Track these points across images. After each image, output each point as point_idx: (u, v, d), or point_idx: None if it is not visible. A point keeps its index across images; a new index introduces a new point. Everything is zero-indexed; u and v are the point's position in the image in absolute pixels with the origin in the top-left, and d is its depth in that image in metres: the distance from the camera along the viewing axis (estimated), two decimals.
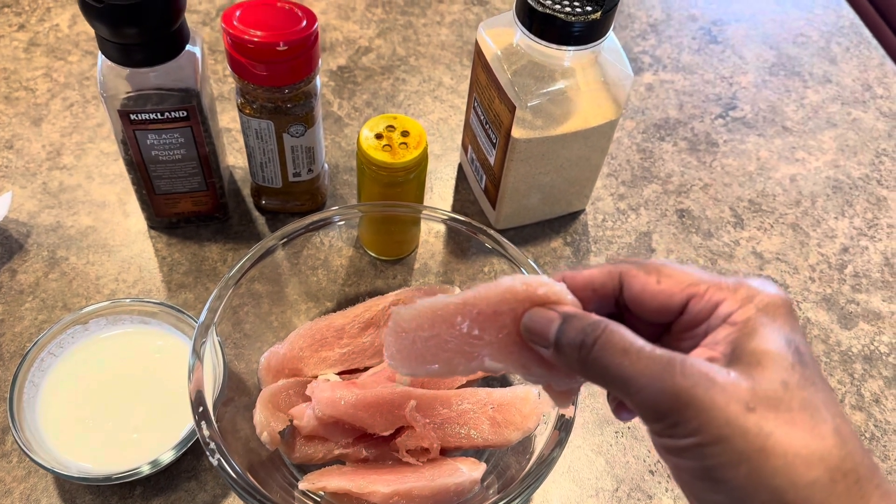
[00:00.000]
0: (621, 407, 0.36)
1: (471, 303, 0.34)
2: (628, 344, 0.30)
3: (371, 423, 0.49)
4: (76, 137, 0.70)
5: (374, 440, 0.51)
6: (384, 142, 0.56)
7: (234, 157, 0.70)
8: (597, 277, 0.34)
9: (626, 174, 0.72)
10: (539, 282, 0.33)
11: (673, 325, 0.34)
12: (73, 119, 0.71)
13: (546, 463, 0.46)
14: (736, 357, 0.30)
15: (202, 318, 0.50)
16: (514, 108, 0.56)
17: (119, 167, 0.68)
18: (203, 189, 0.61)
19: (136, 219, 0.65)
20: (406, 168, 0.56)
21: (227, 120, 0.72)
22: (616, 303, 0.35)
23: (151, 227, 0.64)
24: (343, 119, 0.74)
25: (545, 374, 0.34)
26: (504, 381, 0.57)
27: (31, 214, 0.64)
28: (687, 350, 0.32)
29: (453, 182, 0.71)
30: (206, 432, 0.45)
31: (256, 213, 0.66)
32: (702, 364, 0.29)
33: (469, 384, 0.54)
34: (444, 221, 0.56)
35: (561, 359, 0.32)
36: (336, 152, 0.71)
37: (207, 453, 0.45)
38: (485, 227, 0.55)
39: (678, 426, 0.29)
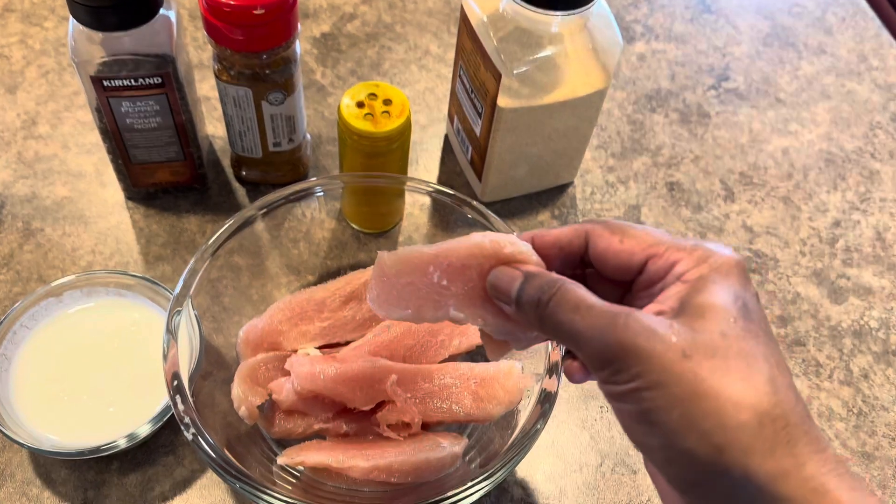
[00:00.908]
0: (573, 368, 0.36)
1: (443, 255, 0.36)
2: (580, 300, 0.32)
3: (351, 397, 0.48)
4: (52, 106, 0.68)
5: (355, 415, 0.50)
6: (366, 110, 0.54)
7: (214, 126, 0.68)
8: (564, 236, 0.36)
9: (616, 146, 0.71)
10: (507, 240, 0.36)
11: (633, 284, 0.35)
12: (49, 87, 0.69)
13: (529, 436, 0.45)
14: (682, 310, 0.32)
15: (177, 289, 0.48)
16: (500, 75, 0.54)
17: (96, 136, 0.66)
18: (180, 159, 0.59)
19: (113, 189, 0.63)
20: (388, 137, 0.55)
21: (207, 88, 0.70)
22: (581, 261, 0.36)
23: (129, 197, 0.63)
24: (326, 88, 0.72)
25: (503, 326, 0.36)
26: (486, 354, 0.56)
27: (6, 184, 0.63)
28: (642, 307, 0.33)
29: (439, 154, 0.69)
30: (181, 407, 0.44)
31: (237, 185, 0.65)
32: (646, 317, 0.31)
33: (451, 359, 0.53)
34: (428, 193, 0.55)
35: (521, 315, 0.35)
36: (319, 122, 0.70)
37: (182, 428, 0.44)
38: (470, 200, 0.54)
39: (620, 373, 0.31)
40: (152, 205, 0.63)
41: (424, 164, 0.69)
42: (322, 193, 0.55)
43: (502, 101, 0.56)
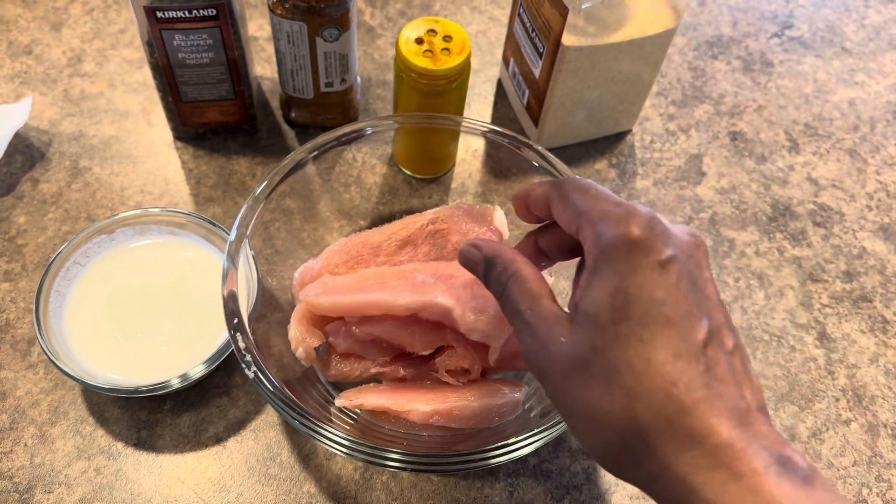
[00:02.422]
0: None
1: None
2: (518, 306, 0.34)
3: (410, 341, 0.47)
4: (97, 44, 0.66)
5: (413, 359, 0.49)
6: (425, 47, 0.52)
7: (262, 67, 0.66)
8: (538, 199, 0.36)
9: (677, 93, 0.68)
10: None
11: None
12: (94, 24, 0.67)
13: None
14: (573, 315, 0.32)
15: (234, 229, 0.47)
16: (567, 11, 0.52)
17: (143, 75, 0.65)
18: (231, 97, 0.58)
19: (161, 129, 0.62)
20: (448, 76, 0.52)
21: (254, 28, 0.68)
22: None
23: (177, 137, 0.61)
24: (376, 29, 0.70)
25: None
26: None
27: (53, 122, 0.62)
28: None
29: (492, 99, 0.67)
30: (241, 344, 0.43)
31: (285, 127, 0.63)
32: (549, 330, 0.32)
33: None
34: (485, 135, 0.53)
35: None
36: (368, 65, 0.67)
37: (243, 366, 0.43)
38: (530, 142, 0.52)
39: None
40: (201, 145, 0.61)
41: (477, 110, 0.67)
42: (375, 134, 0.53)
43: (567, 39, 0.53)
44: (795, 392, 0.54)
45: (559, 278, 0.54)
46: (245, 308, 0.46)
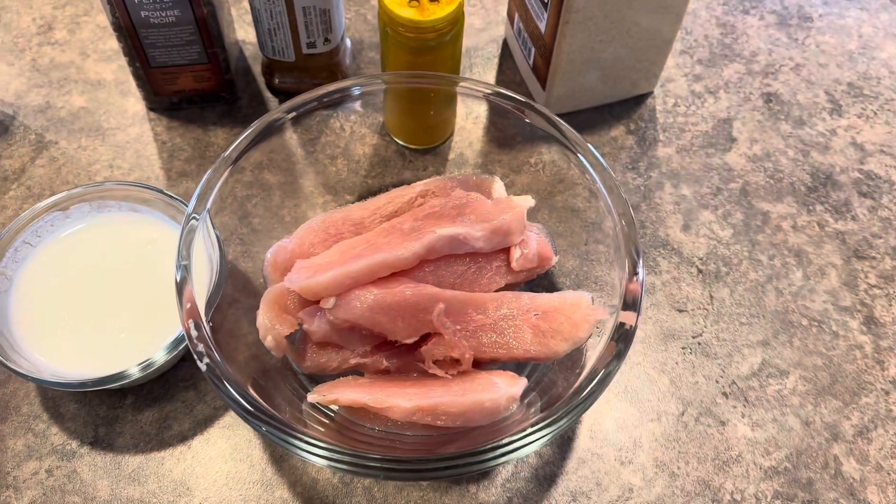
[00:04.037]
0: None
1: None
2: None
3: (392, 328, 0.41)
4: (70, 10, 0.61)
5: (397, 349, 0.43)
6: None
7: (245, 31, 0.61)
8: None
9: (704, 52, 0.61)
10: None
11: None
12: None
13: (599, 380, 0.38)
14: None
15: (193, 200, 0.42)
16: None
17: (117, 43, 0.60)
18: (204, 61, 0.52)
19: (134, 100, 0.57)
20: (437, 28, 0.46)
21: None
22: None
23: (151, 108, 0.56)
24: None
25: None
26: (551, 286, 0.48)
27: (18, 94, 0.57)
28: None
29: (496, 61, 0.61)
30: (193, 333, 0.38)
31: (268, 95, 0.58)
32: None
33: (509, 287, 0.45)
34: (485, 97, 0.47)
35: None
36: (360, 26, 0.62)
37: (195, 356, 0.38)
38: (536, 104, 0.46)
39: None
40: (176, 116, 0.56)
41: (479, 73, 0.60)
42: (361, 93, 0.47)
43: None
44: (839, 385, 0.47)
45: (566, 256, 0.48)
46: (204, 290, 0.41)
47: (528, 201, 0.46)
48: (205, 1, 0.49)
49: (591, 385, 0.38)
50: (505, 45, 0.61)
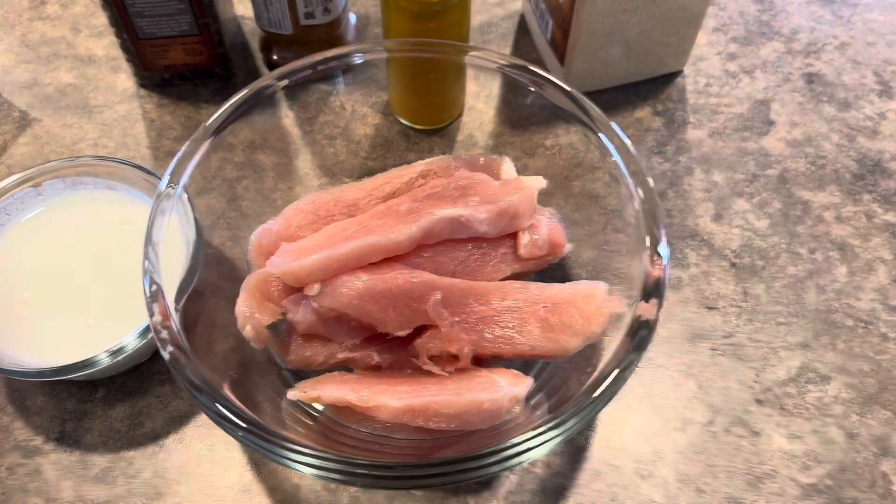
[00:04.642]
0: None
1: None
2: None
3: (383, 318, 0.37)
4: None
5: (389, 342, 0.39)
6: None
7: (245, 5, 0.57)
8: None
9: (739, 29, 0.56)
10: None
11: None
12: None
13: (615, 380, 0.33)
14: None
15: (167, 173, 0.38)
16: None
17: None
18: (195, 33, 0.49)
19: (125, 76, 0.54)
20: None
21: None
22: None
23: (142, 85, 0.53)
24: None
25: None
26: (564, 279, 0.44)
27: (5, 70, 0.54)
28: None
29: (512, 38, 0.57)
30: (156, 318, 0.34)
31: (266, 71, 0.54)
32: None
33: (516, 277, 0.41)
34: (499, 69, 0.43)
35: None
36: (365, 0, 0.58)
37: (158, 344, 0.34)
38: (555, 79, 0.42)
39: None
40: (167, 93, 0.53)
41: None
42: (359, 60, 0.43)
43: None
44: (888, 393, 0.42)
45: (583, 247, 0.43)
46: (177, 272, 0.37)
47: (538, 182, 0.41)
48: None
49: (605, 384, 0.33)
50: (522, 21, 0.57)
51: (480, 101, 0.51)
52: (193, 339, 0.36)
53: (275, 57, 0.53)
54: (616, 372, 0.33)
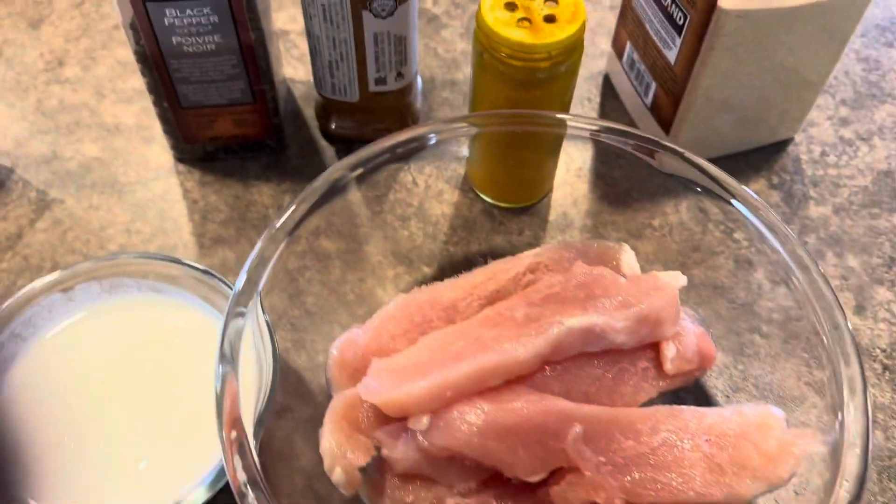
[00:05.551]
0: None
1: None
2: None
3: (510, 459, 0.30)
4: (85, 43, 0.52)
5: (513, 487, 0.31)
6: (519, 14, 0.36)
7: (294, 67, 0.51)
8: None
9: (847, 91, 0.51)
10: None
11: None
12: (83, 19, 0.53)
13: None
14: None
15: (238, 283, 0.31)
16: None
17: (141, 81, 0.50)
18: (248, 101, 0.42)
19: (159, 148, 0.47)
20: (553, 55, 0.36)
21: (284, 19, 0.53)
22: None
23: (179, 159, 0.46)
24: (440, 18, 0.54)
25: None
26: (698, 392, 0.37)
27: (18, 142, 0.47)
28: None
29: (598, 101, 0.50)
30: (241, 475, 0.27)
31: (323, 143, 0.47)
32: None
33: (659, 402, 0.34)
34: (598, 136, 0.36)
35: None
36: (431, 61, 0.52)
37: (237, 499, 0.26)
38: (671, 144, 0.36)
39: None
40: (210, 169, 0.46)
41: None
42: (436, 140, 0.37)
43: (727, 0, 0.37)
44: None
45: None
46: (252, 408, 0.29)
47: (679, 280, 0.35)
48: (253, 25, 0.39)
49: None
50: (606, 82, 0.51)
51: (572, 175, 0.44)
52: (268, 481, 0.28)
53: (334, 126, 0.46)
54: None
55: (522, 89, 0.37)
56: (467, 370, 0.30)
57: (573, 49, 0.36)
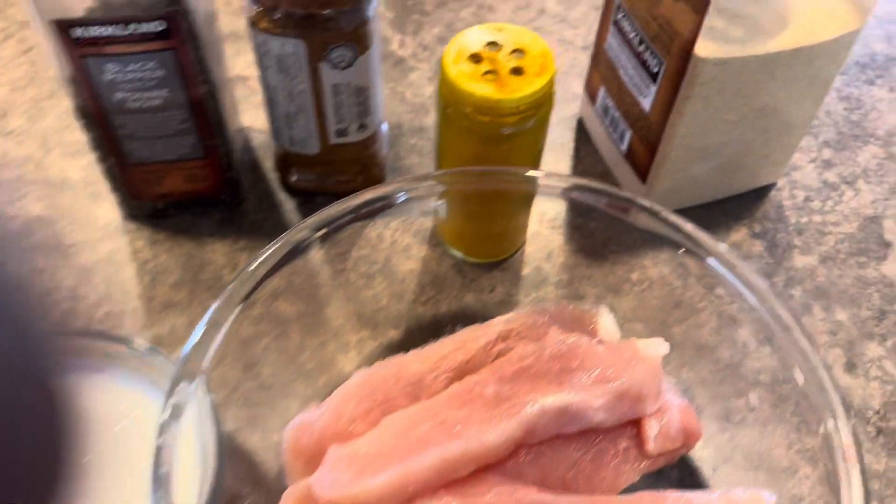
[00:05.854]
0: None
1: None
2: None
3: None
4: (32, 92, 0.49)
5: None
6: (485, 67, 0.34)
7: (252, 115, 0.48)
8: None
9: (829, 132, 0.49)
10: None
11: None
12: (31, 68, 0.50)
13: None
14: None
15: (180, 363, 0.29)
16: (705, 5, 0.33)
17: None
18: (199, 156, 0.40)
19: (108, 204, 0.44)
20: (521, 110, 0.34)
21: (243, 65, 0.50)
22: None
23: (129, 216, 0.43)
24: (407, 61, 0.52)
25: None
26: (683, 464, 0.34)
27: None
28: None
29: (571, 147, 0.48)
30: None
31: (282, 196, 0.45)
32: None
33: (641, 480, 0.31)
34: (569, 194, 0.34)
35: None
36: (398, 107, 0.49)
37: None
38: (642, 201, 0.34)
39: None
40: (161, 226, 0.43)
41: (551, 163, 0.48)
42: (405, 198, 0.34)
43: (703, 48, 0.35)
44: None
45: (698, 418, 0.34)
46: (194, 498, 0.27)
47: (660, 348, 0.32)
48: (203, 78, 0.36)
49: None
50: (580, 127, 0.49)
51: (545, 227, 0.42)
52: None
53: (294, 178, 0.44)
54: None
55: (490, 144, 0.35)
56: (432, 461, 0.28)
57: (542, 103, 0.34)
